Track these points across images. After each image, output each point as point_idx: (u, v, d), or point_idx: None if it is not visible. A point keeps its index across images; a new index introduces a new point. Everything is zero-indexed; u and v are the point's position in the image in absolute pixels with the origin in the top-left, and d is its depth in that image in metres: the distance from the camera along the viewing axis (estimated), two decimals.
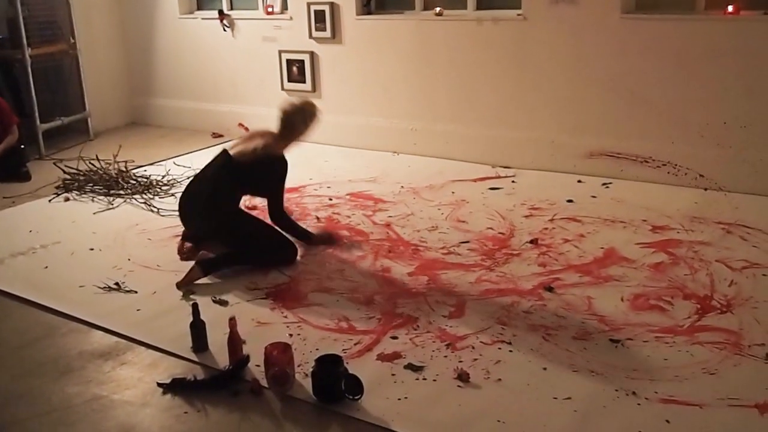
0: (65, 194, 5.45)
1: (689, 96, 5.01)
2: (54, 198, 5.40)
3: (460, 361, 3.03)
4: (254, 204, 4.78)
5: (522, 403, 2.76)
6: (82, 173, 5.74)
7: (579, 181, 5.31)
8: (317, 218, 4.72)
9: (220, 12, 7.00)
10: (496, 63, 5.69)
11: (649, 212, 4.62)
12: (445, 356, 3.08)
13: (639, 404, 2.72)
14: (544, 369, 2.97)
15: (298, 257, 4.10)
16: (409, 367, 3.00)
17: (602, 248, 4.11)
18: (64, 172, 5.80)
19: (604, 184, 5.23)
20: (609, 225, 4.46)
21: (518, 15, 5.53)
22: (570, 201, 4.90)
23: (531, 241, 4.24)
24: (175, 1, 7.33)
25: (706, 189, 5.00)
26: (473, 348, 3.14)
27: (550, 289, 3.65)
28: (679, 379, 2.86)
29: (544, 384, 2.87)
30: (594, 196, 4.99)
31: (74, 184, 5.59)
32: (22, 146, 6.22)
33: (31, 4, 6.65)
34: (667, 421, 2.61)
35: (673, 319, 3.32)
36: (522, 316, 3.40)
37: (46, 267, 4.18)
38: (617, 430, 2.59)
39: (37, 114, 6.61)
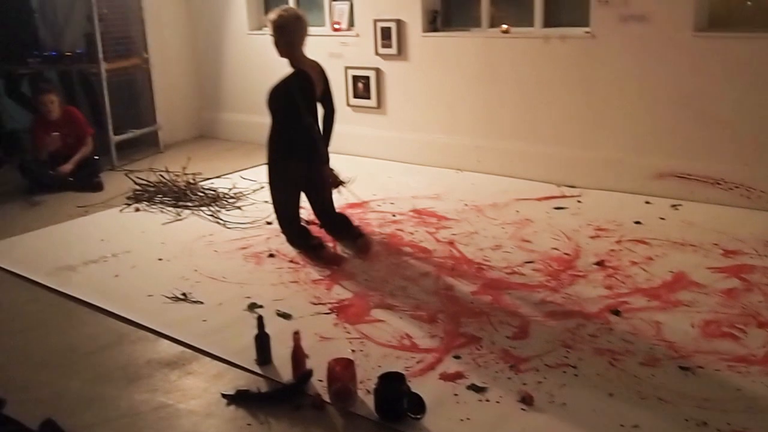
0: (136, 205, 5.60)
1: (764, 116, 4.86)
2: (125, 208, 5.56)
3: (524, 384, 2.99)
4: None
5: (587, 429, 2.71)
6: (152, 184, 5.90)
7: (647, 202, 5.20)
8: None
9: None
10: (563, 81, 5.63)
11: (720, 236, 4.50)
12: (509, 378, 3.05)
13: None
14: (611, 395, 2.91)
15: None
16: (472, 387, 2.98)
17: (671, 272, 4.01)
18: (135, 183, 5.96)
19: (673, 205, 5.11)
20: (678, 248, 4.35)
21: (586, 33, 5.47)
22: (638, 222, 4.80)
23: (597, 263, 4.17)
24: (244, 17, 7.49)
25: None
26: (537, 370, 3.09)
27: (616, 313, 3.57)
28: (753, 410, 2.77)
29: (611, 410, 2.81)
30: (662, 218, 4.88)
31: (144, 195, 5.75)
32: (96, 157, 6.43)
33: (108, 20, 6.86)
34: None
35: (747, 348, 3.21)
36: (588, 339, 3.34)
37: (117, 275, 4.30)
38: None
39: (110, 126, 6.82)
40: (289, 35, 4.28)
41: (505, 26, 5.89)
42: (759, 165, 4.94)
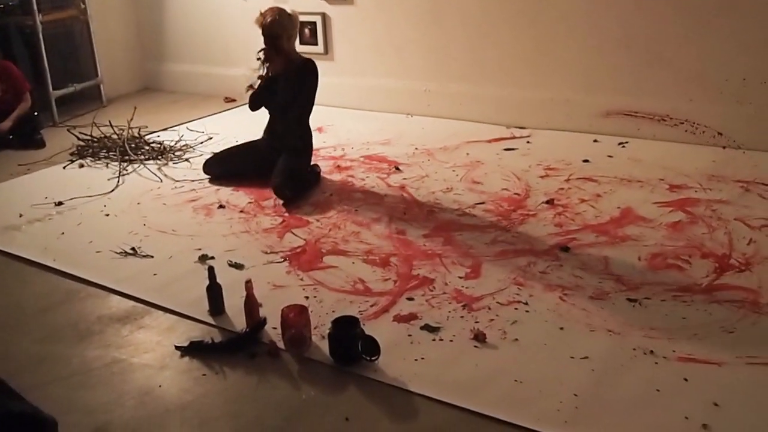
0: (79, 161, 5.46)
1: (707, 52, 4.92)
2: (68, 165, 5.42)
3: (477, 322, 3.03)
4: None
5: (539, 362, 2.76)
6: (95, 139, 5.74)
7: (595, 141, 5.25)
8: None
9: None
10: (510, 22, 5.60)
11: (666, 171, 4.57)
12: (462, 317, 3.08)
13: (657, 363, 2.71)
14: (561, 329, 2.97)
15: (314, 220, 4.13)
16: (426, 328, 3.01)
17: (619, 208, 4.08)
18: (78, 139, 5.80)
19: (620, 143, 5.16)
20: (626, 184, 4.42)
21: None
22: (586, 161, 4.84)
23: (547, 202, 4.21)
24: None
25: (724, 147, 4.93)
26: (489, 308, 3.14)
27: (566, 249, 3.63)
28: (697, 337, 2.85)
29: (561, 344, 2.87)
30: (610, 156, 4.94)
31: (88, 151, 5.60)
32: (36, 113, 6.23)
33: None
34: (685, 380, 2.61)
35: (691, 278, 3.30)
36: (538, 276, 3.39)
37: (63, 233, 4.20)
38: (635, 388, 2.59)
39: (49, 81, 6.59)
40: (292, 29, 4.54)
41: None
42: (703, 100, 5.01)
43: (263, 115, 4.80)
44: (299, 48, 6.62)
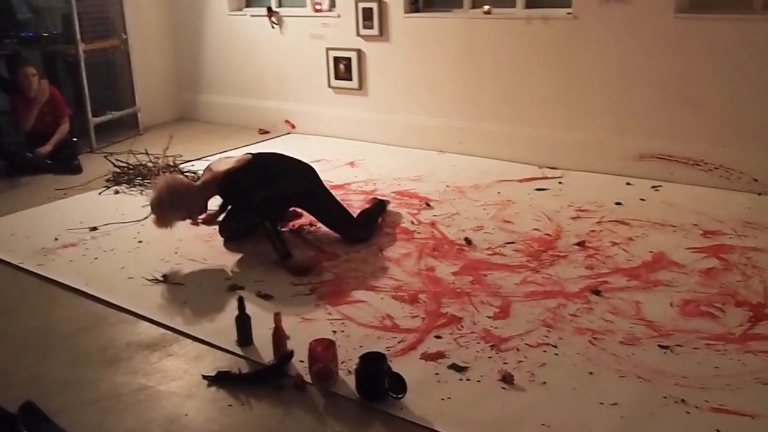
0: (115, 187, 5.55)
1: (743, 98, 4.89)
2: (104, 191, 5.51)
3: (505, 363, 3.00)
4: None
5: (567, 407, 2.72)
6: (131, 167, 5.84)
7: (628, 184, 5.22)
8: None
9: (269, 9, 7.05)
10: (545, 62, 5.62)
11: (700, 216, 4.53)
12: (490, 357, 3.06)
13: (688, 412, 2.66)
14: (591, 373, 2.93)
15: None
16: (453, 367, 2.99)
17: (651, 252, 4.04)
18: (115, 166, 5.90)
19: (653, 186, 5.13)
20: (658, 229, 4.38)
21: (568, 14, 5.46)
22: (618, 203, 4.81)
23: (578, 243, 4.19)
24: None
25: (760, 194, 4.88)
26: (518, 350, 3.11)
27: (597, 293, 3.59)
28: (730, 387, 2.80)
29: (590, 388, 2.83)
30: (643, 199, 4.90)
31: (124, 178, 5.69)
32: (74, 139, 6.36)
33: (86, 0, 6.76)
34: (718, 431, 2.55)
35: (725, 327, 3.24)
36: (568, 319, 3.36)
37: (96, 258, 4.26)
38: None
39: (89, 108, 6.74)
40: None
41: (486, 7, 5.86)
42: (738, 146, 4.97)
43: (296, 146, 4.87)
44: (335, 82, 6.73)
